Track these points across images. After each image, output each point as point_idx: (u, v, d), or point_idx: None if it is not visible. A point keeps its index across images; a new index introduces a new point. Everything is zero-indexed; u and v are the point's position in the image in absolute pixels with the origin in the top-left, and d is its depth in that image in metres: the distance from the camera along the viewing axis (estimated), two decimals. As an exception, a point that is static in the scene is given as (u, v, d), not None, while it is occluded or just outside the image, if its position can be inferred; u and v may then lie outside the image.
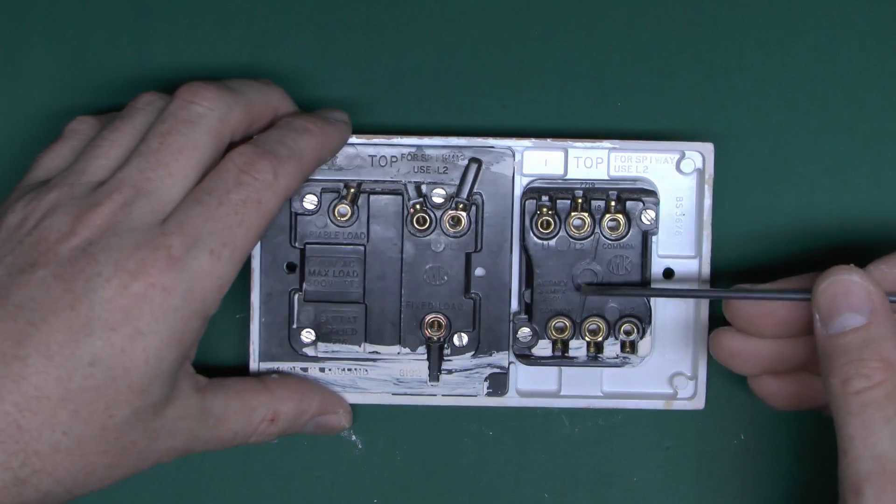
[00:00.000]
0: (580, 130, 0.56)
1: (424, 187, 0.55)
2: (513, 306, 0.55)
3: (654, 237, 0.55)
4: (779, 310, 0.52)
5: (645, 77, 0.57)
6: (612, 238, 0.55)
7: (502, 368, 0.56)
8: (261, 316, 0.55)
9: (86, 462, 0.48)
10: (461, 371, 0.55)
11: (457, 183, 0.55)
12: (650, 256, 0.55)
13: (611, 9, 0.57)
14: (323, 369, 0.55)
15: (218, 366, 0.57)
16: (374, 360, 0.55)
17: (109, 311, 0.47)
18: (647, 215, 0.55)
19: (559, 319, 0.55)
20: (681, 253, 0.56)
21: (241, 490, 0.57)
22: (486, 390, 0.56)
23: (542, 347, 0.55)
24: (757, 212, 0.57)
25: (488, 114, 0.57)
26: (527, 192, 0.55)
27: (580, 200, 0.54)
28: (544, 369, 0.56)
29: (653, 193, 0.55)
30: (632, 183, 0.55)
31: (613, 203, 0.54)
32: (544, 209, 0.54)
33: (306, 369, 0.55)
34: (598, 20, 0.57)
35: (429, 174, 0.55)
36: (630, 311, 0.55)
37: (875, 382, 0.47)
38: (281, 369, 0.55)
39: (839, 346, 0.48)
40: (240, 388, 0.53)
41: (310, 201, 0.54)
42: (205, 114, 0.51)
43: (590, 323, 0.55)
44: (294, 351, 0.55)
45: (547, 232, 0.54)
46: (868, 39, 0.57)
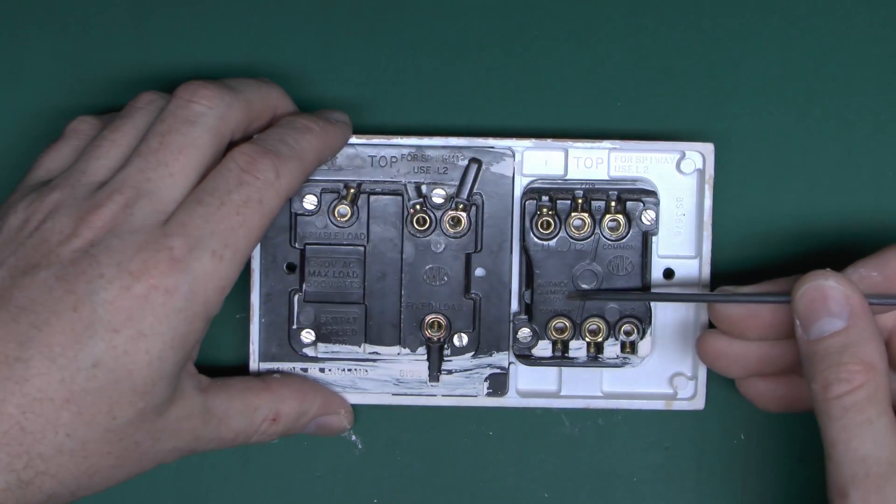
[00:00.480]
0: (580, 131, 0.56)
1: (424, 188, 0.55)
2: (513, 307, 0.55)
3: (654, 237, 0.55)
4: (762, 312, 0.52)
5: (645, 77, 0.57)
6: (613, 238, 0.55)
7: (502, 369, 0.56)
8: (261, 316, 0.55)
9: (89, 464, 0.48)
10: (461, 371, 0.56)
11: (457, 183, 0.55)
12: (650, 257, 0.55)
13: (611, 9, 0.57)
14: (323, 370, 0.55)
15: (218, 366, 0.57)
16: (374, 360, 0.55)
17: (112, 312, 0.47)
18: (648, 215, 0.55)
19: (559, 320, 0.55)
20: (681, 253, 0.56)
21: (241, 490, 0.57)
22: (486, 390, 0.56)
23: (542, 348, 0.55)
24: (757, 212, 0.57)
25: (488, 114, 0.57)
26: (527, 193, 0.55)
27: (580, 201, 0.54)
28: (544, 370, 0.56)
29: (653, 194, 0.55)
30: (632, 183, 0.55)
31: (613, 203, 0.54)
32: (544, 209, 0.54)
33: (306, 370, 0.55)
34: (598, 20, 0.57)
35: (429, 174, 0.55)
36: (630, 311, 0.55)
37: (855, 385, 0.47)
38: (281, 369, 0.55)
39: (819, 352, 0.48)
40: (242, 388, 0.53)
41: (310, 201, 0.54)
42: (204, 112, 0.50)
43: (590, 323, 0.55)
44: (294, 351, 0.55)
45: (547, 232, 0.54)
46: (868, 39, 0.57)
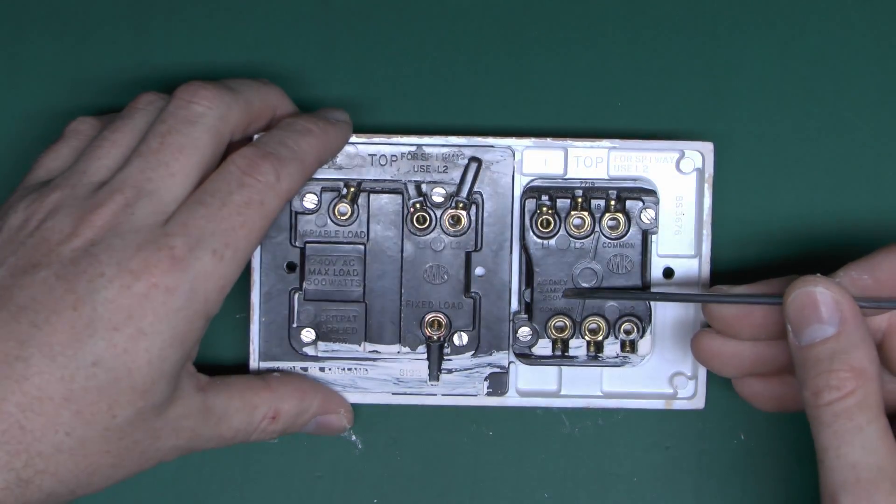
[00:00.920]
0: (580, 130, 0.56)
1: (424, 186, 0.55)
2: (513, 305, 0.55)
3: (653, 236, 0.55)
4: (755, 313, 0.52)
5: (645, 76, 0.57)
6: (612, 237, 0.55)
7: (502, 368, 0.56)
8: (261, 315, 0.55)
9: (88, 462, 0.48)
10: (461, 370, 0.55)
11: (457, 182, 0.55)
12: (650, 255, 0.55)
13: (611, 9, 0.57)
14: (323, 369, 0.55)
15: (218, 365, 0.57)
16: (374, 359, 0.55)
17: (112, 311, 0.47)
18: (647, 214, 0.55)
19: (559, 319, 0.55)
20: (681, 252, 0.56)
21: (241, 490, 0.57)
22: (486, 390, 0.56)
23: (542, 347, 0.55)
24: (757, 211, 0.57)
25: (488, 114, 0.57)
26: (527, 192, 0.55)
27: (580, 199, 0.54)
28: (544, 369, 0.56)
29: (652, 193, 0.55)
30: (631, 182, 0.55)
31: (613, 202, 0.54)
32: (544, 208, 0.54)
33: (306, 369, 0.55)
34: (598, 20, 0.57)
35: (429, 173, 0.55)
36: (630, 310, 0.55)
37: (845, 392, 0.47)
38: (281, 368, 0.55)
39: (810, 358, 0.48)
40: (241, 387, 0.53)
41: (310, 200, 0.54)
42: (204, 113, 0.51)
43: (590, 322, 0.55)
44: (294, 350, 0.55)
45: (547, 231, 0.54)
46: (868, 39, 0.57)
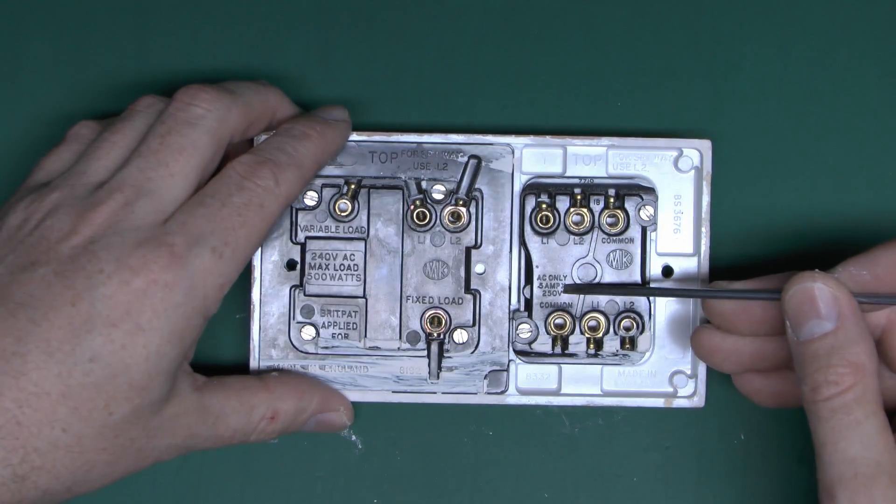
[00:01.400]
0: (579, 128, 0.56)
1: (424, 183, 0.55)
2: (512, 302, 0.55)
3: (652, 233, 0.55)
4: (754, 308, 0.52)
5: (643, 75, 0.57)
6: (611, 234, 0.55)
7: (502, 366, 0.56)
8: (261, 313, 0.55)
9: (85, 459, 0.48)
10: (461, 368, 0.55)
11: (457, 179, 0.55)
12: (649, 252, 0.55)
13: (609, 7, 0.57)
14: (323, 367, 0.55)
15: (218, 365, 0.57)
16: (375, 356, 0.55)
17: (110, 307, 0.47)
18: (646, 211, 0.55)
19: (559, 315, 0.55)
20: (679, 250, 0.56)
21: (241, 490, 0.57)
22: (486, 388, 0.56)
23: (541, 343, 0.55)
24: (755, 209, 0.57)
25: (488, 112, 0.57)
26: (526, 189, 0.55)
27: (579, 197, 0.54)
28: (544, 367, 0.56)
29: (651, 191, 0.55)
30: (630, 180, 0.55)
31: (612, 199, 0.54)
32: (543, 205, 0.54)
33: (306, 367, 0.55)
34: (597, 19, 0.57)
35: (428, 171, 0.55)
36: (629, 306, 0.55)
37: (844, 387, 0.47)
38: (281, 366, 0.55)
39: (808, 354, 0.48)
40: (238, 387, 0.53)
41: (310, 197, 0.55)
42: (204, 115, 0.51)
43: (589, 319, 0.55)
44: (294, 348, 0.55)
45: (546, 227, 0.54)
46: (868, 39, 0.57)
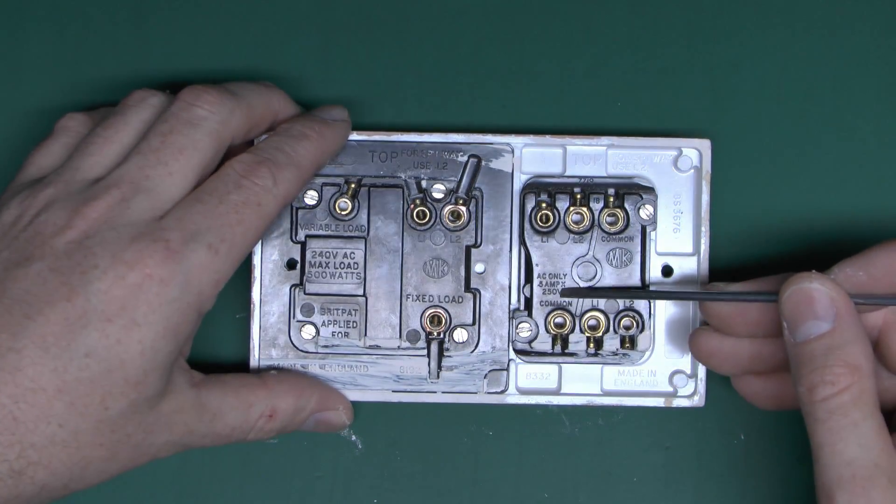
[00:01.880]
0: (579, 129, 0.56)
1: (424, 182, 0.55)
2: (512, 301, 0.55)
3: (652, 232, 0.55)
4: (751, 310, 0.52)
5: (643, 75, 0.57)
6: (611, 233, 0.55)
7: (502, 365, 0.55)
8: (261, 312, 0.55)
9: (81, 455, 0.48)
10: (461, 367, 0.55)
11: (456, 179, 0.55)
12: (648, 251, 0.55)
13: (609, 7, 0.57)
14: (323, 366, 0.55)
15: (218, 364, 0.57)
16: (374, 355, 0.55)
17: (105, 302, 0.47)
18: (646, 210, 0.55)
19: (559, 314, 0.55)
20: (679, 250, 0.56)
21: (241, 490, 0.57)
22: (486, 387, 0.56)
23: (541, 342, 0.55)
24: (755, 209, 0.57)
25: (488, 112, 0.57)
26: (526, 188, 0.55)
27: (579, 196, 0.54)
28: (544, 367, 0.56)
29: (651, 190, 0.55)
30: (630, 180, 0.55)
31: (612, 199, 0.54)
32: (543, 205, 0.54)
33: (306, 366, 0.55)
34: (597, 19, 0.57)
35: (428, 170, 0.55)
36: (629, 305, 0.55)
37: (840, 388, 0.47)
38: (281, 365, 0.55)
39: (805, 354, 0.48)
40: (236, 385, 0.53)
41: (310, 196, 0.55)
42: (206, 116, 0.51)
43: (589, 318, 0.55)
44: (294, 347, 0.55)
45: (546, 226, 0.55)
46: (866, 38, 0.57)
